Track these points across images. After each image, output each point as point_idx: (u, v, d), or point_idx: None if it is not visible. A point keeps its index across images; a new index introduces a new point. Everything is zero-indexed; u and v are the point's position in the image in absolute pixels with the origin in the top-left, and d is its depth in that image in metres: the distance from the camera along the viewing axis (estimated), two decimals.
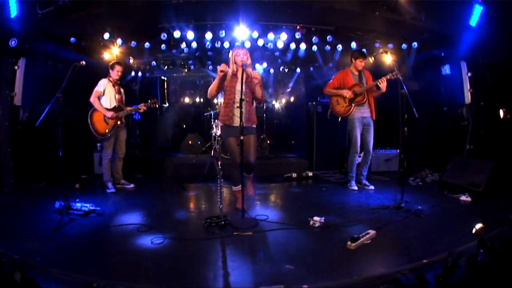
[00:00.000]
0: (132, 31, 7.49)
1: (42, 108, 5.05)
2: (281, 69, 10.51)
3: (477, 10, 5.62)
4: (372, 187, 6.61)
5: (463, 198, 5.66)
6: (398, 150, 8.15)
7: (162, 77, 9.58)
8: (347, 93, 6.45)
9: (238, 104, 4.63)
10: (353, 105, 6.44)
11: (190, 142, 10.16)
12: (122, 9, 6.40)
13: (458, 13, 5.90)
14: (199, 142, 10.21)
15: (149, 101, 6.74)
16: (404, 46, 7.78)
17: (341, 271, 3.27)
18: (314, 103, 8.61)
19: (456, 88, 7.12)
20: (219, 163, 4.89)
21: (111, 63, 6.53)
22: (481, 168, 5.73)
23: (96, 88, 6.34)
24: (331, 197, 6.16)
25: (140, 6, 6.37)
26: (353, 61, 6.54)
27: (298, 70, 10.54)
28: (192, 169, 8.27)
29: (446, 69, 7.31)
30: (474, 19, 5.75)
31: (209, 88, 4.97)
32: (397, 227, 4.47)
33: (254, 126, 5.09)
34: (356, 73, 6.57)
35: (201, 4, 6.49)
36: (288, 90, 11.55)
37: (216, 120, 9.05)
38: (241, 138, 4.43)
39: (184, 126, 10.95)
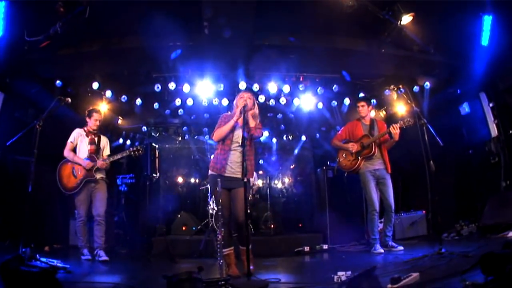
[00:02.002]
0: (124, 80, 7.91)
1: (17, 159, 5.12)
2: (284, 137, 10.80)
3: (487, 23, 6.03)
4: (401, 247, 6.35)
5: (511, 234, 5.52)
6: (423, 211, 8.06)
7: (153, 144, 9.78)
8: (352, 147, 6.58)
9: (234, 152, 4.81)
10: (359, 158, 6.54)
11: (184, 228, 9.94)
12: (115, 50, 6.92)
13: (467, 34, 6.31)
14: (193, 228, 9.99)
15: (130, 148, 6.58)
16: (416, 88, 8.08)
17: None
18: (324, 168, 8.71)
19: (479, 125, 7.31)
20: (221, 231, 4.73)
21: (88, 110, 6.66)
22: None
23: (68, 140, 6.46)
24: (354, 261, 5.97)
25: (134, 48, 6.87)
26: (357, 109, 6.82)
27: (303, 137, 10.81)
28: (186, 246, 8.08)
29: (465, 108, 7.58)
30: (485, 36, 6.14)
31: (219, 130, 5.01)
32: (443, 268, 4.23)
33: (250, 178, 5.15)
34: (367, 123, 6.74)
35: (198, 50, 6.98)
36: (292, 161, 11.65)
37: (213, 196, 8.97)
38: (245, 180, 4.35)
39: (177, 203, 10.78)
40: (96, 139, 6.59)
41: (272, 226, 9.40)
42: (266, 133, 10.38)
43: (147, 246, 7.85)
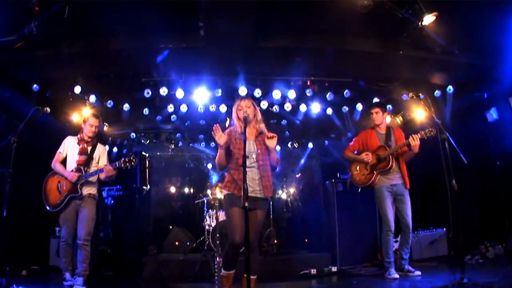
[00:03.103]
0: (110, 84, 7.71)
1: None
2: (289, 144, 10.59)
3: None
4: (418, 272, 6.18)
5: None
6: (444, 229, 7.94)
7: (143, 153, 9.62)
8: (367, 157, 6.39)
9: (250, 169, 4.65)
10: (375, 172, 6.36)
11: (177, 243, 9.78)
12: (100, 52, 6.69)
13: (497, 33, 6.09)
14: (187, 243, 9.83)
15: (122, 159, 6.09)
16: (437, 93, 7.89)
17: None
18: (333, 180, 8.57)
19: (508, 133, 7.14)
20: (217, 258, 4.59)
21: (86, 115, 6.47)
22: None
23: (57, 150, 6.25)
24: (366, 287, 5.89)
25: (120, 49, 6.66)
26: (371, 116, 6.63)
27: (310, 145, 10.63)
28: (180, 267, 7.94)
29: (493, 114, 7.40)
30: None
31: (216, 161, 4.98)
32: None
33: (269, 197, 4.94)
34: (383, 132, 6.55)
35: (193, 52, 6.78)
36: (298, 174, 11.47)
37: (210, 210, 8.84)
38: (246, 204, 4.18)
39: (169, 218, 10.64)
40: (88, 148, 6.26)
41: (275, 241, 9.30)
42: None
43: (136, 266, 7.71)
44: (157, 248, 9.60)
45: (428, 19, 5.86)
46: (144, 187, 9.60)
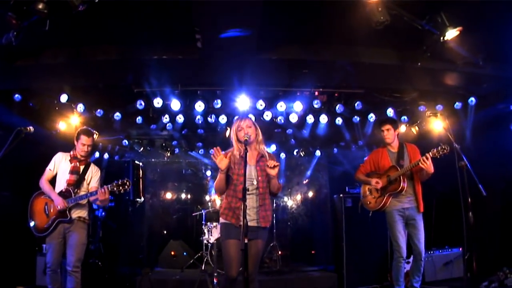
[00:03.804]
0: (99, 94, 7.52)
1: None
2: (295, 152, 10.43)
3: None
4: None
5: None
6: (460, 248, 7.87)
7: (136, 161, 9.43)
8: (375, 183, 6.23)
9: (249, 197, 4.54)
10: (386, 195, 6.14)
11: (172, 253, 9.69)
12: (87, 64, 6.45)
13: None
14: (184, 254, 9.74)
15: (114, 183, 5.92)
16: (458, 105, 7.67)
17: None
18: (341, 195, 8.48)
19: None
20: (215, 280, 4.47)
21: (77, 131, 6.05)
22: None
23: (47, 167, 5.96)
24: None
25: (112, 61, 6.41)
26: (381, 133, 6.41)
27: (318, 153, 10.41)
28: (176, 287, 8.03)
29: None
30: None
31: (215, 185, 4.89)
32: None
33: (268, 227, 4.83)
34: (395, 150, 6.34)
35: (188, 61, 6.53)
36: (305, 180, 11.35)
37: (208, 223, 8.72)
38: (246, 241, 4.08)
39: (165, 231, 10.53)
40: (81, 167, 5.99)
41: (279, 253, 9.27)
42: (273, 147, 10.03)
43: (129, 286, 7.70)
44: (152, 262, 9.56)
45: (451, 33, 5.57)
46: (138, 199, 9.43)
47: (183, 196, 11.39)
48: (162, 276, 8.52)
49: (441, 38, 5.62)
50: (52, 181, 5.95)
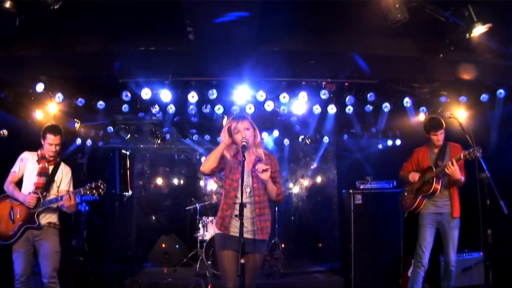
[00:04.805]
0: (79, 85, 7.37)
1: None
2: (300, 138, 10.23)
3: None
4: None
5: None
6: (481, 253, 7.81)
7: (123, 151, 9.29)
8: (412, 177, 6.40)
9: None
10: (419, 197, 6.27)
11: (163, 245, 9.69)
12: (65, 56, 6.28)
13: None
14: (177, 246, 9.75)
15: (87, 186, 5.72)
16: (484, 97, 7.50)
17: None
18: (350, 191, 8.44)
19: None
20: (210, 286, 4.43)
21: (43, 129, 5.87)
22: None
23: (12, 168, 5.82)
24: None
25: (93, 53, 6.25)
26: (428, 135, 6.42)
27: (326, 139, 10.22)
28: None
29: None
30: None
31: (208, 156, 4.75)
32: None
33: (266, 239, 4.79)
34: (436, 150, 6.43)
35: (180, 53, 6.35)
36: (310, 170, 11.27)
37: (204, 218, 8.66)
38: (242, 261, 4.02)
39: (156, 226, 10.50)
40: (50, 168, 5.84)
41: (282, 246, 9.38)
42: (275, 133, 9.84)
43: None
44: (141, 258, 9.56)
45: (480, 30, 5.36)
46: (125, 193, 9.34)
47: (175, 186, 11.30)
48: (152, 278, 8.55)
49: (468, 34, 5.44)
50: (18, 184, 5.82)
